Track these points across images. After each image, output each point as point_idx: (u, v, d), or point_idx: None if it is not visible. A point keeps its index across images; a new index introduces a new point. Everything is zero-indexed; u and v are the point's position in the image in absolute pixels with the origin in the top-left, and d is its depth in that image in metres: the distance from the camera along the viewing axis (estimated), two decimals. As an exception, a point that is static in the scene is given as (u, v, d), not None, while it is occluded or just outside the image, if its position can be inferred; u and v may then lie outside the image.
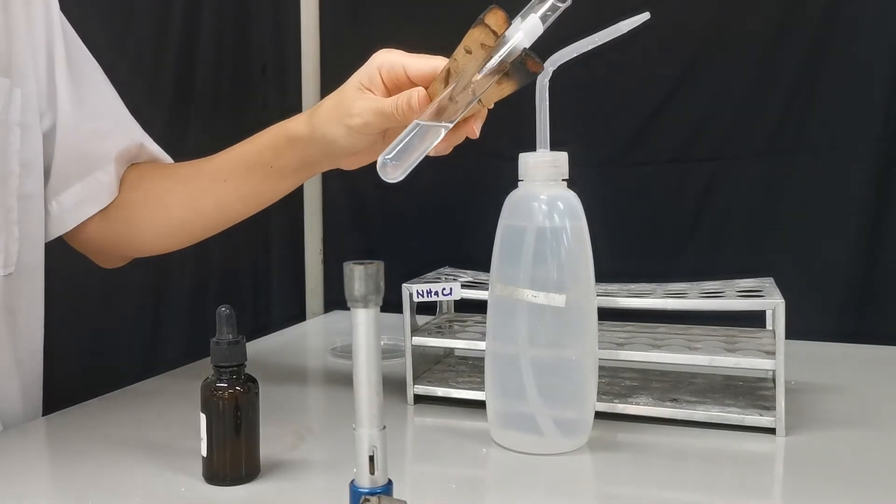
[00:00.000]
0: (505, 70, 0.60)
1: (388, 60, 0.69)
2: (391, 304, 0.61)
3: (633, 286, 0.84)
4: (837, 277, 1.11)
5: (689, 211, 1.19)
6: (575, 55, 0.65)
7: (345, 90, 0.72)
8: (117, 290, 1.19)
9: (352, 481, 0.52)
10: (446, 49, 0.65)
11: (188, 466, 0.64)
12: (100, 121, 0.84)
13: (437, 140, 0.61)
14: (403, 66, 0.68)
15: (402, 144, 0.60)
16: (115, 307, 1.22)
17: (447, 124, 0.61)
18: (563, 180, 0.67)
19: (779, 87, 1.13)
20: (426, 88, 0.67)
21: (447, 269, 0.92)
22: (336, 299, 1.39)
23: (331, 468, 0.65)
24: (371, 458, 0.50)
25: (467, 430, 0.74)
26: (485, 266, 0.71)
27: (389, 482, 0.51)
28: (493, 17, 0.59)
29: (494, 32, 0.59)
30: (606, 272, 0.76)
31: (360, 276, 0.49)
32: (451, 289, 0.77)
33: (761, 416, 0.72)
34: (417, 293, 0.78)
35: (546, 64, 0.65)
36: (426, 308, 0.85)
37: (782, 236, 1.14)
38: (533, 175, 0.67)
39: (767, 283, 0.80)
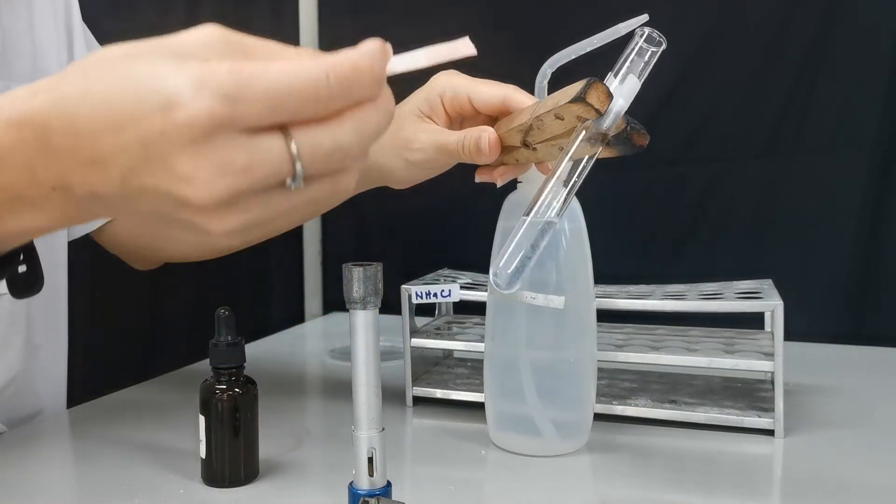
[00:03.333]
0: (606, 140, 0.56)
1: (451, 86, 0.64)
2: (390, 305, 0.61)
3: (631, 288, 0.84)
4: (836, 279, 1.11)
5: (687, 212, 1.19)
6: (573, 57, 0.65)
7: (402, 117, 0.66)
8: (116, 291, 1.19)
9: (351, 483, 0.52)
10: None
11: (187, 468, 0.64)
12: None
13: (549, 235, 0.55)
14: (468, 94, 0.64)
15: (512, 248, 0.54)
16: (114, 308, 1.22)
17: (556, 220, 0.55)
18: (561, 182, 0.67)
19: (778, 89, 1.13)
20: (493, 120, 0.64)
21: (446, 271, 0.92)
22: (335, 301, 1.39)
23: (330, 470, 0.65)
24: (370, 460, 0.50)
25: (466, 432, 0.74)
26: (484, 268, 0.71)
27: (388, 484, 0.52)
28: (596, 96, 0.54)
29: (597, 110, 0.54)
30: (605, 274, 0.76)
31: (358, 278, 0.49)
32: (449, 290, 0.77)
33: (760, 417, 0.72)
34: (416, 295, 0.78)
35: (545, 66, 0.65)
36: (425, 310, 0.85)
37: (781, 238, 1.14)
38: (532, 177, 0.67)
39: (766, 285, 0.80)
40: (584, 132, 0.55)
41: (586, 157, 0.55)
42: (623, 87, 0.55)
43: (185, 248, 0.85)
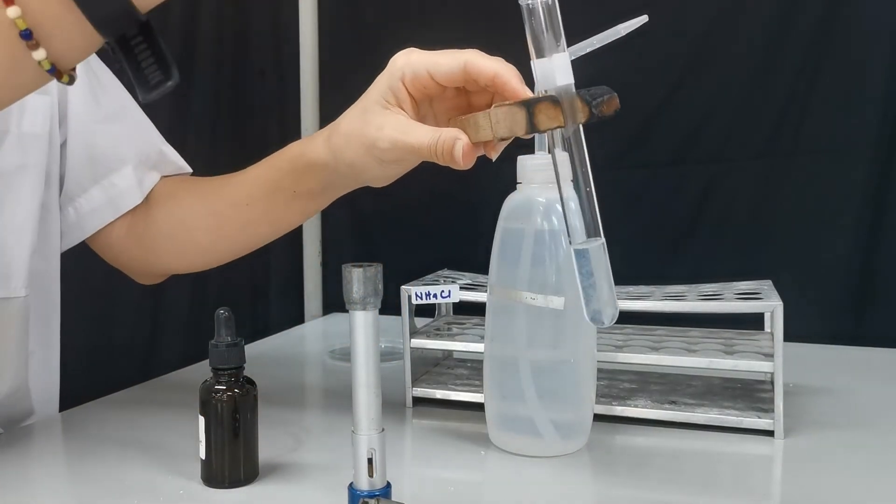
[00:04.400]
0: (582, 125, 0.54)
1: (410, 66, 0.61)
2: (390, 306, 0.61)
3: (631, 288, 0.84)
4: (835, 280, 1.11)
5: (687, 213, 1.19)
6: (573, 58, 0.65)
7: (367, 111, 0.63)
8: (116, 292, 1.19)
9: (350, 483, 0.52)
10: (451, 48, 0.64)
11: (186, 469, 0.64)
12: (115, 123, 0.81)
13: (606, 256, 0.54)
14: (427, 70, 0.61)
15: (587, 285, 0.53)
16: (115, 309, 1.22)
17: (602, 239, 0.54)
18: (561, 183, 0.68)
19: (777, 90, 1.13)
20: (462, 92, 0.63)
21: (446, 272, 0.92)
22: (335, 302, 1.39)
23: (329, 471, 0.65)
24: (370, 461, 0.50)
25: (466, 433, 0.74)
26: (483, 268, 0.71)
27: (388, 484, 0.52)
28: (545, 117, 0.52)
29: (558, 126, 0.53)
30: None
31: (358, 279, 0.49)
32: (449, 291, 0.77)
33: (759, 418, 0.72)
34: (416, 295, 0.78)
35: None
36: (425, 310, 0.85)
37: (780, 238, 1.14)
38: (531, 178, 0.67)
39: (766, 286, 0.80)
40: (557, 147, 0.54)
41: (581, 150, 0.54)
42: (557, 76, 0.53)
43: (175, 263, 0.84)
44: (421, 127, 0.61)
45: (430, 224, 1.32)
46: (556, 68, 0.53)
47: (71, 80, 0.50)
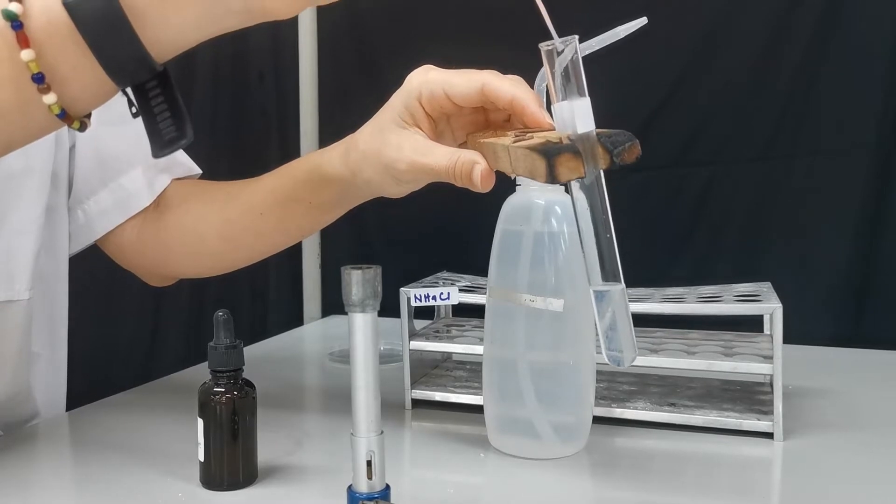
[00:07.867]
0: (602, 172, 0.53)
1: (427, 85, 0.61)
2: (389, 308, 0.61)
3: (630, 291, 0.83)
4: (835, 282, 1.11)
5: (686, 215, 1.19)
6: (570, 59, 0.65)
7: (385, 130, 0.63)
8: (116, 295, 1.19)
9: (349, 486, 0.52)
10: (449, 55, 0.64)
11: (185, 471, 0.64)
12: (123, 125, 0.80)
13: (627, 300, 0.53)
14: (444, 90, 0.60)
15: (610, 329, 0.52)
16: (115, 312, 1.22)
17: (622, 285, 0.53)
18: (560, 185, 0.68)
19: (776, 91, 1.13)
20: (479, 111, 0.62)
21: (445, 274, 0.92)
22: (334, 304, 1.39)
23: (329, 473, 0.65)
24: (369, 463, 0.50)
25: (465, 435, 0.74)
26: (483, 270, 0.71)
27: (387, 487, 0.52)
28: (566, 169, 0.51)
29: (577, 178, 0.52)
30: (604, 277, 0.76)
31: (357, 281, 0.49)
32: (448, 293, 0.77)
33: (759, 420, 0.72)
34: (415, 297, 0.78)
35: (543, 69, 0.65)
36: (424, 312, 0.85)
37: (780, 240, 1.14)
38: (529, 180, 0.67)
39: (765, 288, 0.80)
40: (580, 193, 0.54)
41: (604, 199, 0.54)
42: (578, 123, 0.52)
43: (185, 267, 0.84)
44: (439, 148, 0.61)
45: (429, 226, 1.32)
46: (577, 114, 0.52)
47: (82, 127, 0.50)
